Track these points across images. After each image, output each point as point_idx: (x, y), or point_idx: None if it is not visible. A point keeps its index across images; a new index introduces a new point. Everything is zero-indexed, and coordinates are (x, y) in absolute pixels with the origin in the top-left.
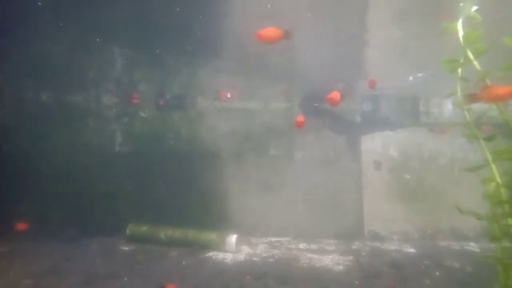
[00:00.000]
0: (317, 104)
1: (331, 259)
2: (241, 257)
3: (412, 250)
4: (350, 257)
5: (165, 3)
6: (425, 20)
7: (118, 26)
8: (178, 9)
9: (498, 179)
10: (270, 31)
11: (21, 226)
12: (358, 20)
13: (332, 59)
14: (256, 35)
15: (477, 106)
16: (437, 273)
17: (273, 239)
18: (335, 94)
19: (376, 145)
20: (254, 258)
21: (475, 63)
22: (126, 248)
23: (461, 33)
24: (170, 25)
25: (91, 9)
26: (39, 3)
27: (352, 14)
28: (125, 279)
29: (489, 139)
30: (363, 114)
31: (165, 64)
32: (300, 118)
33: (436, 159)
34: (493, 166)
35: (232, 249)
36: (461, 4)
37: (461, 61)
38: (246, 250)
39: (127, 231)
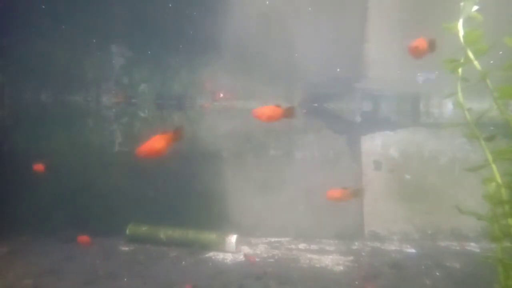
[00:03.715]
0: (316, 104)
1: (331, 259)
2: (241, 257)
3: (412, 250)
4: (350, 258)
5: (164, 2)
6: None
7: (117, 26)
8: (170, 5)
9: (499, 179)
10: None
11: None
12: (358, 18)
13: (332, 58)
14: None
15: (477, 106)
16: (437, 273)
17: (273, 240)
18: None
19: (376, 145)
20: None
21: (476, 63)
22: (126, 248)
23: (461, 33)
24: (169, 24)
25: (90, 9)
26: (43, 6)
27: (352, 13)
28: (125, 279)
29: (489, 139)
30: (363, 114)
31: (164, 63)
32: None
33: (436, 159)
34: (494, 166)
35: (232, 249)
36: (462, 4)
37: (462, 61)
38: (246, 250)
39: (127, 231)
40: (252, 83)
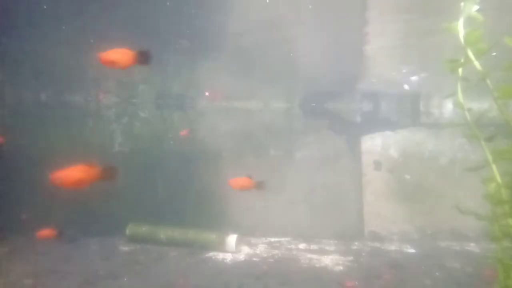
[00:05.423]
0: (314, 104)
1: (331, 259)
2: (241, 257)
3: (412, 250)
4: (350, 258)
5: (163, 1)
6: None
7: (117, 26)
8: (168, 3)
9: (499, 179)
10: None
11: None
12: (358, 17)
13: (332, 58)
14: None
15: (477, 106)
16: (437, 274)
17: (273, 239)
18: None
19: (376, 145)
20: (254, 258)
21: (476, 63)
22: (126, 248)
23: (461, 33)
24: (169, 24)
25: (90, 10)
26: (44, 7)
27: (352, 12)
28: (125, 279)
29: (489, 139)
30: (363, 114)
31: (164, 63)
32: None
33: (436, 159)
34: (494, 166)
35: (232, 249)
36: (462, 4)
37: (462, 61)
38: (246, 250)
39: (127, 231)
40: (253, 83)
